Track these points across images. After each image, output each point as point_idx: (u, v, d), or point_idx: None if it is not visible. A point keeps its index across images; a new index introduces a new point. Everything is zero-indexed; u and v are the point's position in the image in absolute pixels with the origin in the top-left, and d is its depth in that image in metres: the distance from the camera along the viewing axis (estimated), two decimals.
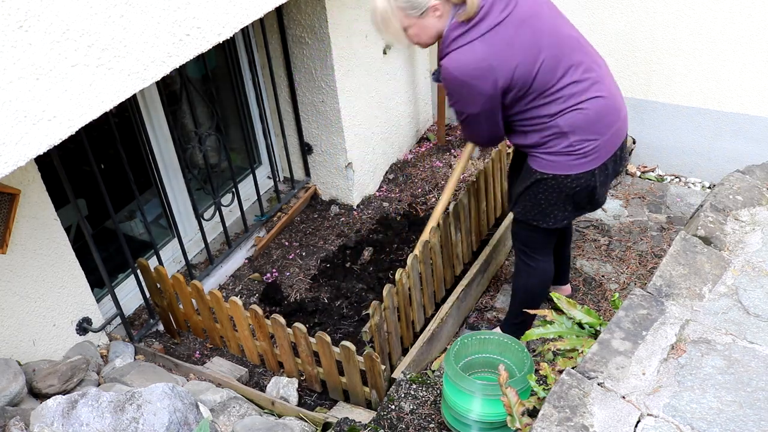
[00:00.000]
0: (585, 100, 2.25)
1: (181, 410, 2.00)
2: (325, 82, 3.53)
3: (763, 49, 3.39)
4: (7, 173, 1.73)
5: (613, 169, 2.46)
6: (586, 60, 2.27)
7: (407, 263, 2.79)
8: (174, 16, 2.05)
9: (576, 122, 2.26)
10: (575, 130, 2.27)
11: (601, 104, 2.27)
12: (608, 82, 2.33)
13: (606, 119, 2.30)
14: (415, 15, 2.19)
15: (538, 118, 2.29)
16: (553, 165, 2.35)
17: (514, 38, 2.15)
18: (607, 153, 2.35)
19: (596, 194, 2.46)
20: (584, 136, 2.28)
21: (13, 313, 2.58)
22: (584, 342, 1.96)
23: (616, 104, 2.34)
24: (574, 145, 2.29)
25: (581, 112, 2.25)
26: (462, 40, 2.15)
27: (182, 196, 3.44)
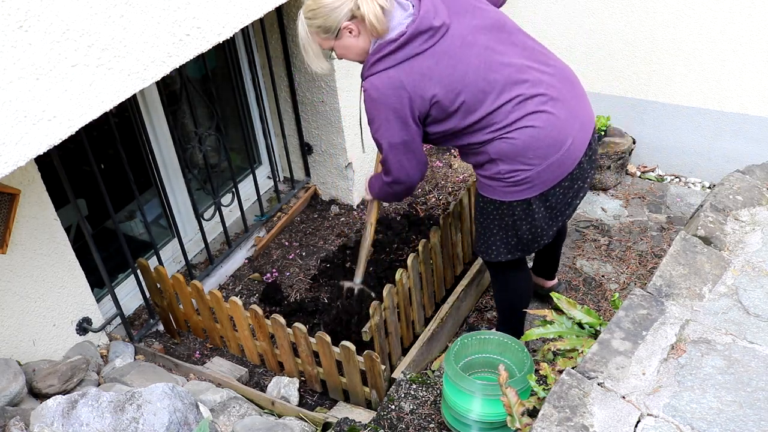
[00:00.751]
0: (513, 130, 2.15)
1: (181, 410, 2.00)
2: (325, 81, 3.53)
3: (763, 49, 3.39)
4: (7, 173, 1.73)
5: (561, 201, 2.33)
6: (526, 89, 2.14)
7: (407, 263, 2.79)
8: (174, 16, 2.05)
9: (502, 151, 2.18)
10: (503, 158, 2.19)
11: (531, 134, 2.14)
12: (556, 110, 2.17)
13: (537, 150, 2.17)
14: (331, 37, 2.15)
15: (468, 144, 2.24)
16: (490, 189, 2.31)
17: (432, 70, 2.07)
18: (545, 184, 2.24)
19: (540, 228, 2.36)
20: (512, 165, 2.20)
21: (13, 313, 2.58)
22: (584, 342, 1.96)
23: (558, 135, 2.18)
24: (503, 172, 2.22)
25: (507, 142, 2.16)
26: (378, 66, 2.10)
27: (182, 196, 3.44)
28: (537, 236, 2.39)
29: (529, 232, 2.36)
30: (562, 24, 3.85)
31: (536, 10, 3.86)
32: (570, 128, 2.21)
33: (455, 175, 4.05)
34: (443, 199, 3.91)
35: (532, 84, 2.14)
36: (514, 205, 2.29)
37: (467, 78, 2.09)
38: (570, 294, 3.27)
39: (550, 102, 2.16)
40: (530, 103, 2.14)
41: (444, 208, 3.81)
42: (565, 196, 2.33)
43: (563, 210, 2.37)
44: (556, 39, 3.90)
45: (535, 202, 2.28)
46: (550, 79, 2.18)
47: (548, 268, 3.11)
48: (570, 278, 3.36)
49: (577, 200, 2.39)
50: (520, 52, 2.17)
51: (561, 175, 2.25)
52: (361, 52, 2.17)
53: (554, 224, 2.39)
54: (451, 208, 3.05)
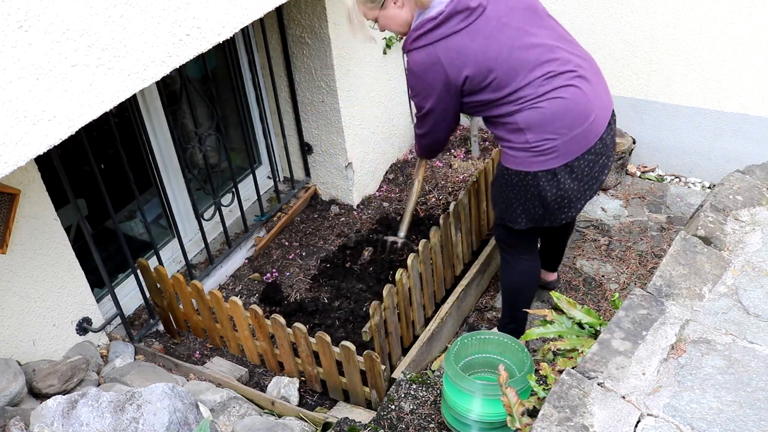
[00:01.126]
0: (543, 99, 2.26)
1: (181, 410, 2.00)
2: (325, 81, 3.53)
3: (763, 49, 3.39)
4: (7, 173, 1.73)
5: (588, 174, 2.41)
6: (556, 66, 2.27)
7: (407, 263, 2.79)
8: (174, 16, 2.05)
9: (531, 120, 2.28)
10: (530, 127, 2.29)
11: (559, 104, 2.26)
12: (582, 86, 2.30)
13: (564, 120, 2.28)
14: (376, 7, 2.31)
15: (498, 115, 2.35)
16: (514, 160, 2.39)
17: (468, 48, 2.21)
18: (569, 155, 2.33)
19: (567, 199, 2.42)
20: (540, 134, 2.29)
21: (13, 313, 2.58)
22: (584, 342, 1.96)
23: (584, 108, 2.30)
24: (530, 141, 2.31)
25: (537, 111, 2.27)
26: (419, 42, 2.25)
27: (182, 196, 3.44)
28: (564, 206, 2.45)
29: (556, 202, 2.42)
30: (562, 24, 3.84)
31: None
32: (594, 104, 2.33)
33: (455, 175, 4.05)
34: (443, 199, 3.91)
35: (562, 62, 2.28)
36: (539, 176, 2.36)
37: (500, 56, 2.22)
38: (570, 294, 3.27)
39: (577, 78, 2.30)
40: (560, 78, 2.27)
41: (444, 208, 3.81)
42: (592, 170, 2.41)
43: (591, 184, 2.45)
44: None
45: (561, 172, 2.35)
46: (577, 60, 2.33)
47: (552, 260, 3.15)
48: (570, 278, 3.36)
49: (603, 176, 2.49)
50: (551, 33, 2.32)
51: (585, 147, 2.34)
52: (403, 23, 2.33)
53: (583, 197, 2.47)
54: (451, 208, 3.05)
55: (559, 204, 2.44)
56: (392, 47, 3.85)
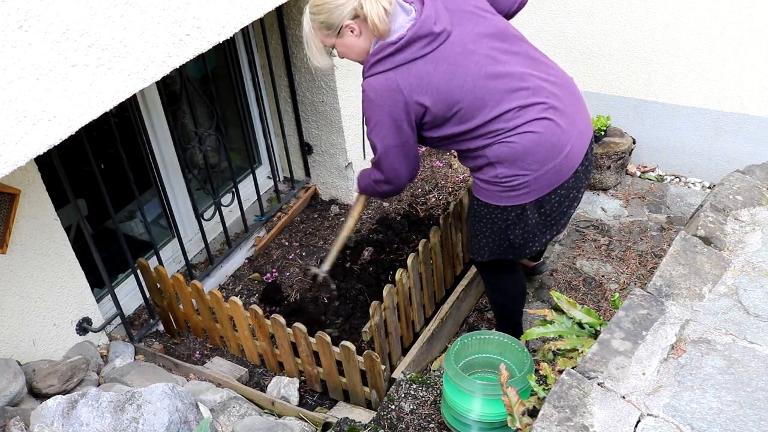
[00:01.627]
0: (514, 134, 2.16)
1: (181, 410, 2.01)
2: (325, 81, 3.53)
3: (763, 49, 3.39)
4: (7, 173, 1.73)
5: (556, 210, 2.34)
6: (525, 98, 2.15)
7: (407, 263, 2.79)
8: (174, 16, 2.05)
9: (502, 155, 2.18)
10: (501, 161, 2.20)
11: (531, 138, 2.16)
12: (556, 118, 2.19)
13: (536, 155, 2.18)
14: (332, 35, 2.15)
15: (466, 149, 2.25)
16: (485, 193, 2.32)
17: (431, 75, 2.08)
18: (540, 190, 2.25)
19: (532, 234, 2.36)
20: (511, 170, 2.20)
21: (13, 313, 2.58)
22: (584, 342, 1.96)
23: (558, 141, 2.19)
24: (500, 176, 2.22)
25: (507, 146, 2.17)
26: (377, 68, 2.11)
27: (182, 196, 3.44)
28: (528, 241, 2.39)
29: (521, 237, 2.37)
30: (562, 24, 3.85)
31: (536, 11, 3.86)
32: (569, 136, 2.22)
33: (455, 175, 4.05)
34: (443, 199, 3.91)
35: (533, 92, 2.16)
36: (509, 210, 2.29)
37: (465, 86, 2.10)
38: (570, 294, 3.27)
39: (550, 110, 2.18)
40: (531, 110, 2.15)
41: (444, 208, 3.81)
42: (561, 205, 2.33)
43: (558, 219, 2.38)
44: (555, 39, 3.90)
45: (530, 208, 2.28)
46: (551, 87, 2.20)
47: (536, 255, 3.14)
48: (570, 278, 3.36)
49: (571, 210, 2.40)
50: (522, 60, 2.18)
51: (558, 182, 2.26)
52: (361, 51, 2.18)
53: (548, 233, 2.39)
54: (451, 208, 3.05)
55: (524, 239, 2.38)
56: None
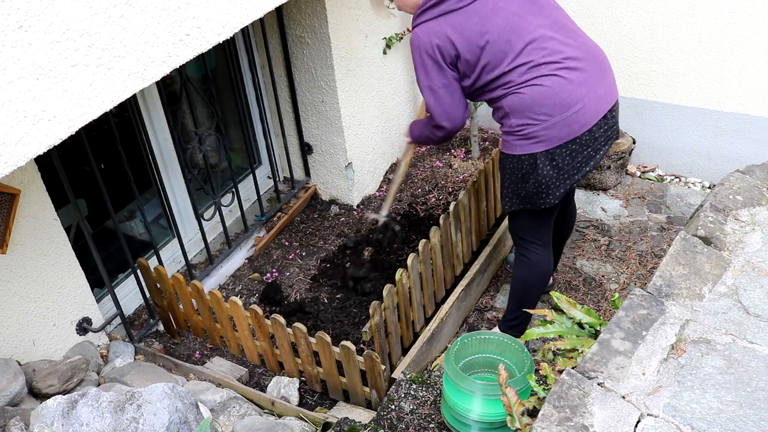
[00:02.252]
0: (524, 86, 2.37)
1: (181, 410, 2.00)
2: (325, 81, 3.53)
3: (763, 49, 3.39)
4: (7, 173, 1.73)
5: (569, 164, 2.46)
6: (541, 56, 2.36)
7: (407, 263, 2.79)
8: (174, 16, 2.05)
9: (513, 104, 2.41)
10: (513, 111, 2.42)
11: (539, 91, 2.36)
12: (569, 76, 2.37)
13: (543, 107, 2.36)
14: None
15: (490, 99, 2.49)
16: (506, 144, 2.54)
17: (463, 26, 2.36)
18: (550, 142, 2.41)
19: (545, 185, 2.50)
20: (520, 119, 2.42)
21: (13, 313, 2.58)
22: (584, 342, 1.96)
23: (567, 97, 2.36)
24: (513, 125, 2.45)
25: (517, 96, 2.39)
26: (421, 18, 2.43)
27: (182, 196, 3.44)
28: (542, 192, 2.54)
29: (534, 186, 2.52)
30: None
31: None
32: (581, 95, 2.39)
33: (455, 175, 4.05)
34: (443, 199, 3.91)
35: (550, 52, 2.37)
36: (523, 159, 2.48)
37: (491, 38, 2.35)
38: (570, 294, 3.27)
39: (564, 70, 2.37)
40: (544, 68, 2.36)
41: (444, 208, 3.81)
42: (573, 159, 2.47)
43: (572, 173, 2.50)
44: None
45: (540, 158, 2.45)
46: (571, 52, 2.39)
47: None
48: (570, 278, 3.36)
49: (587, 167, 2.52)
50: (548, 24, 2.40)
51: (568, 136, 2.41)
52: (414, 4, 2.49)
53: (562, 185, 2.52)
54: (451, 208, 3.05)
55: (537, 189, 2.52)
56: (392, 47, 3.85)
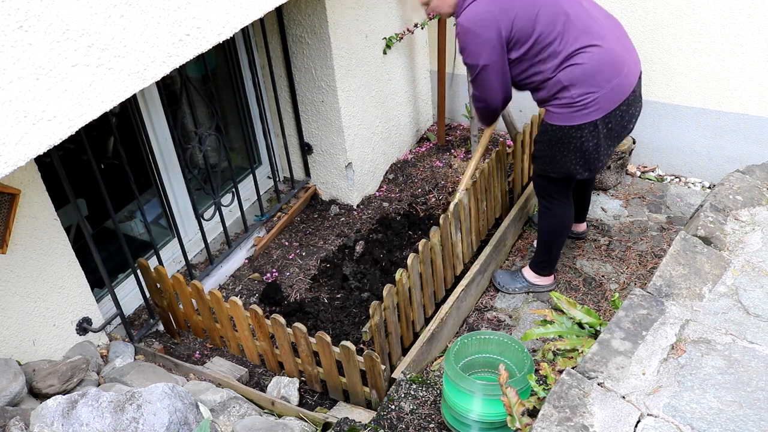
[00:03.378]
0: (578, 54, 2.54)
1: (181, 410, 2.01)
2: (325, 81, 3.53)
3: (763, 49, 3.39)
4: (7, 173, 1.73)
5: (619, 124, 2.70)
6: (586, 18, 2.56)
7: (407, 263, 2.79)
8: (174, 16, 2.05)
9: (574, 76, 2.56)
10: (575, 83, 2.57)
11: (595, 59, 2.54)
12: (610, 40, 2.59)
13: (603, 73, 2.56)
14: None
15: (542, 74, 2.61)
16: (559, 117, 2.67)
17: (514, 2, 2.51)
18: (608, 106, 2.61)
19: (602, 147, 2.71)
20: (583, 88, 2.57)
21: (13, 313, 2.58)
22: (584, 342, 1.97)
23: (618, 60, 2.59)
24: (575, 96, 2.59)
25: (578, 67, 2.55)
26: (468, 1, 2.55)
27: (182, 196, 3.44)
28: (600, 155, 2.75)
29: (594, 151, 2.72)
30: None
31: None
32: (624, 58, 2.63)
33: (455, 175, 4.05)
34: (443, 199, 3.91)
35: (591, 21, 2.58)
36: (583, 128, 2.64)
37: (540, 11, 2.52)
38: (570, 294, 3.27)
39: (605, 36, 2.59)
40: (590, 36, 2.55)
41: (444, 208, 3.81)
42: (622, 119, 2.71)
43: (620, 132, 2.75)
44: None
45: (600, 123, 2.64)
46: (603, 20, 2.63)
47: (579, 212, 3.41)
48: (570, 278, 3.36)
49: (631, 125, 2.78)
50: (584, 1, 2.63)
51: (620, 98, 2.63)
52: (453, 4, 2.66)
53: (612, 145, 2.78)
54: (451, 208, 3.05)
55: (597, 153, 2.72)
56: (392, 47, 3.85)
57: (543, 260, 3.20)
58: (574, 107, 2.61)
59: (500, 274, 3.35)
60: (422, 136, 4.50)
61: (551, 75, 2.59)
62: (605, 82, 2.57)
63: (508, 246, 3.54)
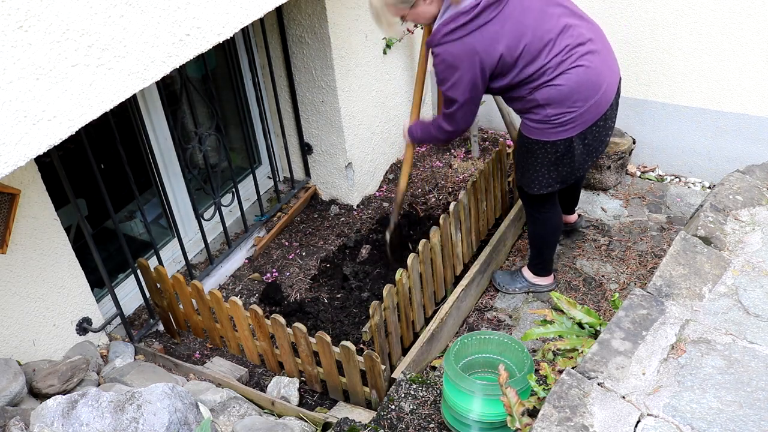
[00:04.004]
0: (559, 76, 2.49)
1: (181, 410, 2.01)
2: (325, 81, 3.53)
3: (763, 49, 3.39)
4: (7, 173, 1.73)
5: (596, 139, 2.69)
6: (572, 40, 2.50)
7: (407, 263, 2.79)
8: (174, 16, 2.05)
9: (551, 96, 2.53)
10: (551, 103, 2.54)
11: (574, 80, 2.50)
12: (593, 61, 2.54)
13: (580, 94, 2.53)
14: (407, 7, 2.49)
15: (519, 97, 2.59)
16: (536, 131, 2.65)
17: (499, 33, 2.42)
18: (585, 124, 2.60)
19: (578, 162, 2.71)
20: (559, 109, 2.55)
21: (13, 313, 2.58)
22: (584, 342, 1.96)
23: (596, 80, 2.55)
24: (550, 115, 2.57)
25: (555, 88, 2.51)
26: (453, 35, 2.42)
27: (182, 196, 3.44)
28: (574, 170, 2.76)
29: (568, 166, 2.73)
30: None
31: None
32: (605, 75, 2.60)
33: (455, 175, 4.05)
34: (443, 199, 3.91)
35: (576, 39, 2.52)
36: (558, 144, 2.64)
37: (526, 37, 2.45)
38: (570, 294, 3.27)
39: (588, 54, 2.54)
40: (574, 55, 2.51)
41: (444, 208, 3.81)
42: (599, 134, 2.70)
43: (597, 147, 2.75)
44: None
45: (576, 140, 2.64)
46: (589, 34, 2.57)
47: (569, 205, 3.46)
48: (570, 278, 3.36)
49: (607, 138, 2.79)
50: (566, 12, 2.56)
51: (597, 115, 2.62)
52: (430, 17, 2.53)
53: (589, 159, 2.77)
54: (451, 208, 3.05)
55: (571, 168, 2.73)
56: (392, 47, 3.85)
57: (537, 262, 3.23)
58: (549, 124, 2.59)
59: (500, 275, 3.35)
60: None
61: (526, 95, 2.56)
62: (583, 101, 2.54)
63: (507, 246, 3.54)
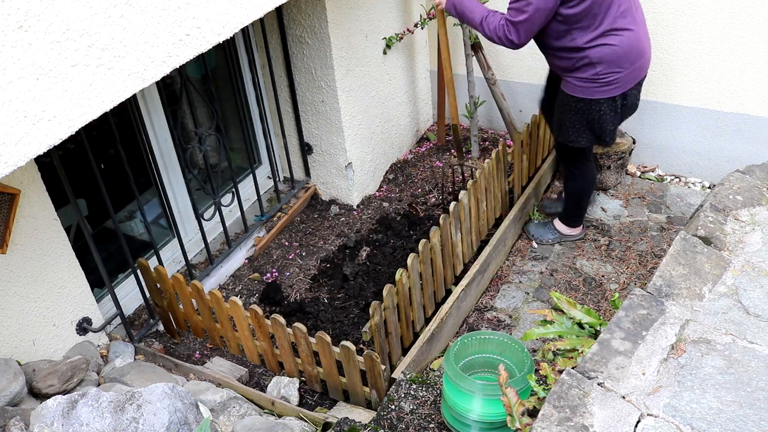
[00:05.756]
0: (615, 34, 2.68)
1: (181, 410, 2.01)
2: (325, 81, 3.53)
3: (763, 49, 3.39)
4: (7, 173, 1.73)
5: (631, 103, 2.94)
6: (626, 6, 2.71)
7: (407, 263, 2.79)
8: (174, 16, 2.05)
9: (604, 55, 2.72)
10: (602, 61, 2.73)
11: (626, 42, 2.71)
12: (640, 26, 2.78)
13: (629, 56, 2.75)
14: None
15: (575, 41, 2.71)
16: (580, 89, 2.84)
17: None
18: (627, 85, 2.82)
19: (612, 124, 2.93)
20: (610, 68, 2.75)
21: (13, 313, 2.58)
22: (584, 342, 1.97)
23: (641, 46, 2.79)
24: (600, 74, 2.77)
25: (610, 48, 2.71)
26: None
27: (182, 196, 3.44)
28: (615, 128, 2.99)
29: (611, 123, 2.95)
30: None
31: None
32: (645, 45, 2.85)
33: (455, 175, 4.05)
34: (443, 199, 3.91)
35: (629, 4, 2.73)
36: (602, 102, 2.85)
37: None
38: (570, 294, 3.27)
39: (635, 24, 2.76)
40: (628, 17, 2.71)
41: (444, 208, 3.81)
42: (635, 98, 2.97)
43: (631, 108, 3.00)
44: None
45: (619, 100, 2.87)
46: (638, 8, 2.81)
47: None
48: (570, 278, 3.36)
49: (637, 101, 3.02)
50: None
51: (638, 78, 2.87)
52: None
53: (623, 119, 3.02)
54: (451, 208, 3.05)
55: (614, 125, 2.95)
56: (392, 47, 3.85)
57: (573, 214, 3.46)
58: (597, 83, 2.78)
59: (533, 227, 3.61)
60: (422, 136, 4.50)
61: (583, 46, 2.70)
62: (629, 63, 2.75)
63: (508, 246, 3.54)
